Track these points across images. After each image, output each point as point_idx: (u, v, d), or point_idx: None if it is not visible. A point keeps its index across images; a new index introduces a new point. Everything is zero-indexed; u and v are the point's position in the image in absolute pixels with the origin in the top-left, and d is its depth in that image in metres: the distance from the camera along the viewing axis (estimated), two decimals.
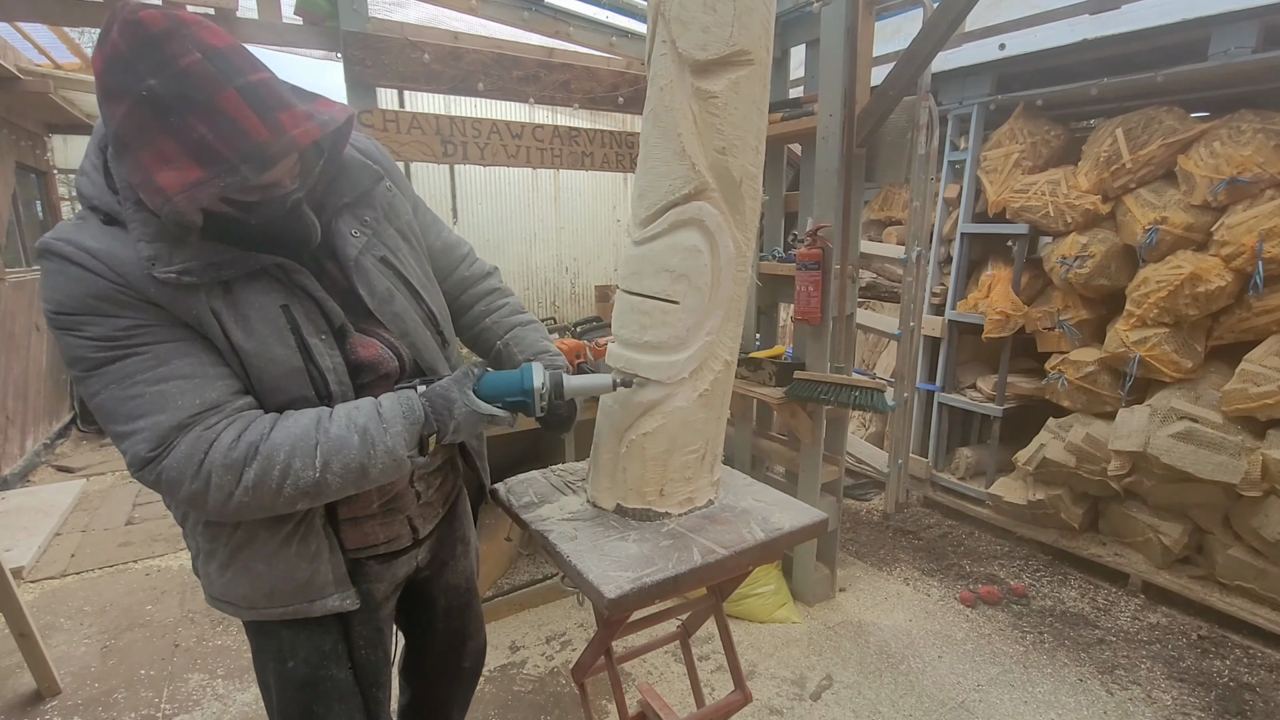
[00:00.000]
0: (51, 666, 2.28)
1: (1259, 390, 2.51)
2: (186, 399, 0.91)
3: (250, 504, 0.94)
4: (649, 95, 1.18)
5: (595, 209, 6.91)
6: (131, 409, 0.90)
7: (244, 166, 0.84)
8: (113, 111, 0.82)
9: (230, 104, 0.83)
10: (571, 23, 3.03)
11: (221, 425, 0.93)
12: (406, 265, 1.17)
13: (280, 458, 0.93)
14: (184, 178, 0.82)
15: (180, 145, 0.82)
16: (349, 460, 0.96)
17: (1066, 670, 2.41)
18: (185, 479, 0.91)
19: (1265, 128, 2.55)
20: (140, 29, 0.80)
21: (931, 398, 3.74)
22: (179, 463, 0.90)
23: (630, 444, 1.26)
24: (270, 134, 0.85)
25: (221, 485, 0.92)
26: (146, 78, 0.80)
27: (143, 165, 0.83)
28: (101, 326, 0.88)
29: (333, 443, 0.96)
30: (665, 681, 2.36)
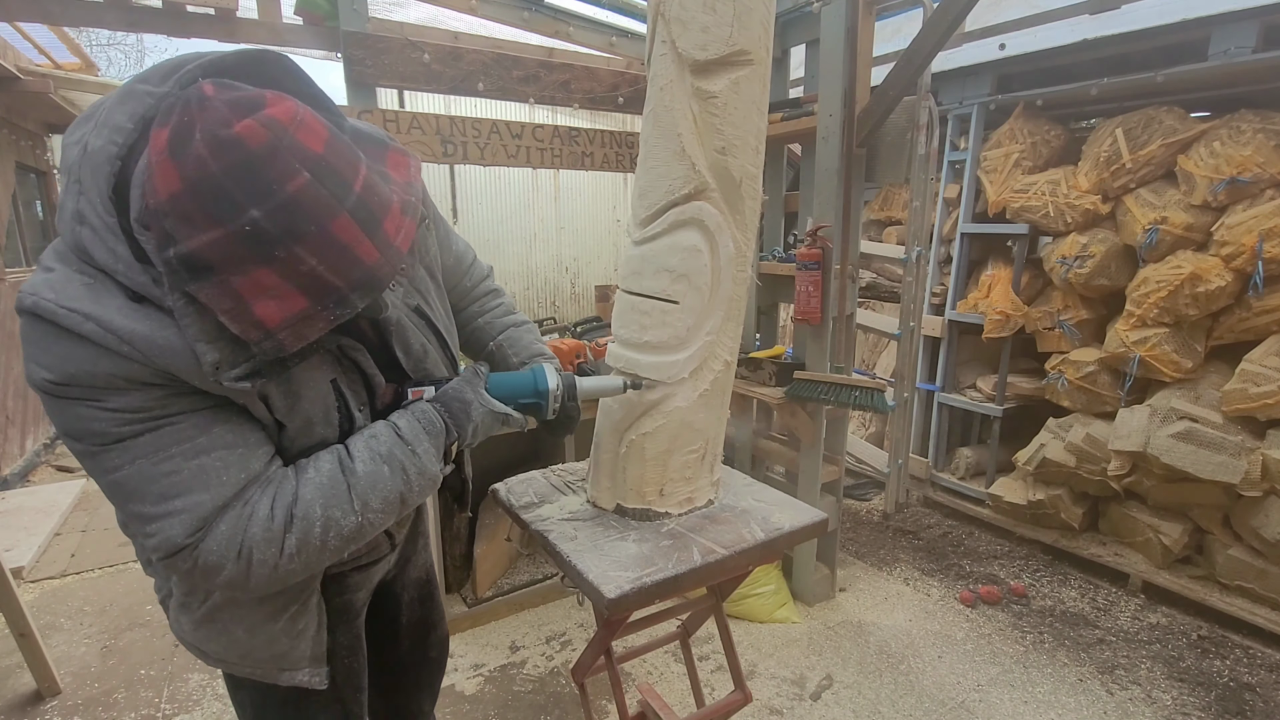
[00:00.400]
0: (51, 666, 2.28)
1: (1259, 390, 2.51)
2: (230, 474, 0.82)
3: (296, 569, 0.86)
4: (649, 95, 1.18)
5: (595, 209, 6.91)
6: (165, 488, 0.78)
7: (354, 295, 0.76)
8: (192, 234, 0.68)
9: (343, 231, 0.73)
10: (571, 23, 3.03)
11: (256, 496, 0.84)
12: (435, 311, 1.10)
13: (317, 513, 0.85)
14: (287, 309, 0.73)
15: (284, 278, 0.71)
16: (387, 494, 0.90)
17: (1066, 670, 2.41)
18: (227, 563, 0.81)
19: (1265, 128, 2.55)
20: (238, 149, 0.67)
21: (931, 398, 3.74)
22: (220, 546, 0.80)
23: (630, 444, 1.26)
24: (381, 255, 0.77)
25: (264, 560, 0.83)
26: (248, 209, 0.67)
27: (234, 292, 0.71)
28: (129, 398, 0.76)
29: (364, 481, 0.89)
30: (665, 681, 2.36)
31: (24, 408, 4.56)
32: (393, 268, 0.79)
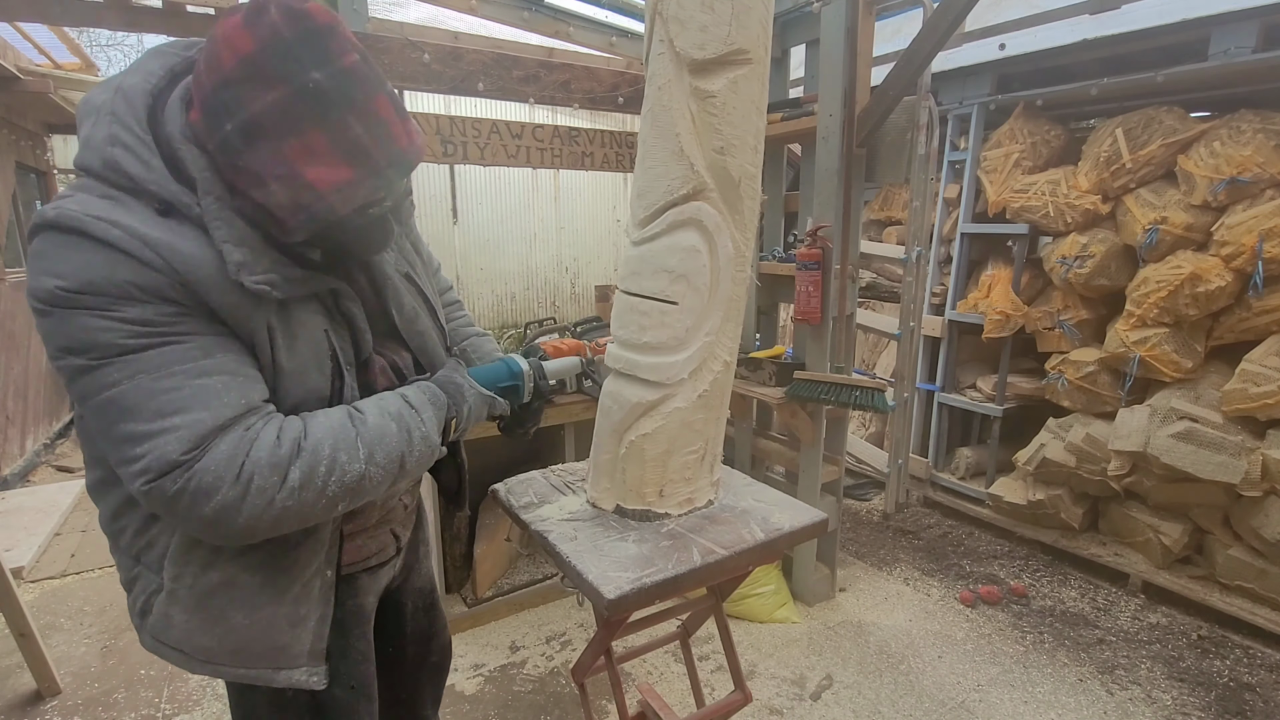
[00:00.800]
0: (51, 666, 2.28)
1: (1259, 390, 2.51)
2: (231, 396, 0.81)
3: (291, 509, 0.84)
4: (647, 95, 1.17)
5: (595, 209, 6.91)
6: (164, 404, 0.77)
7: (390, 171, 0.84)
8: (257, 95, 0.76)
9: (383, 108, 0.82)
10: (571, 23, 3.03)
11: (259, 425, 0.84)
12: (424, 281, 1.14)
13: (325, 452, 0.86)
14: (335, 176, 0.80)
15: (333, 142, 0.79)
16: (390, 450, 0.91)
17: (1066, 670, 2.41)
18: (223, 484, 0.79)
19: (1265, 128, 2.55)
20: (306, 20, 0.78)
21: (931, 398, 3.74)
22: (218, 464, 0.79)
23: (630, 445, 1.26)
24: (409, 141, 0.86)
25: (264, 488, 0.81)
26: (311, 70, 0.77)
27: (286, 156, 0.78)
28: (142, 310, 0.77)
29: (372, 432, 0.90)
30: (665, 681, 2.36)
31: (24, 408, 4.57)
32: (417, 156, 0.87)
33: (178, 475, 0.78)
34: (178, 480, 0.78)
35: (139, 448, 0.77)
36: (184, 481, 0.78)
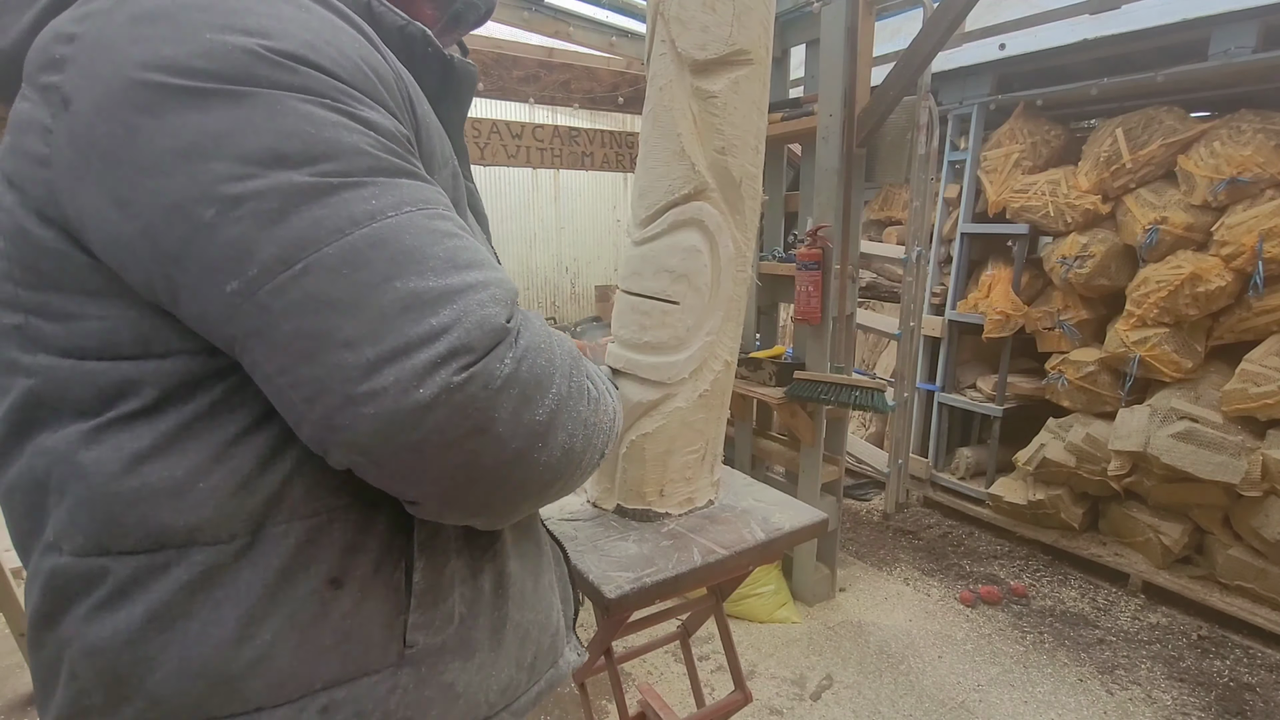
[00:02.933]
0: None
1: (1259, 390, 2.51)
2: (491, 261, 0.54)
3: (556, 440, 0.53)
4: (648, 95, 1.18)
5: (595, 209, 6.91)
6: (452, 250, 0.49)
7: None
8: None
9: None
10: (571, 23, 3.03)
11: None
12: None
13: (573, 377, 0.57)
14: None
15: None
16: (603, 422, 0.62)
17: (1066, 670, 2.41)
18: (555, 370, 0.53)
19: (1265, 128, 2.55)
20: None
21: (931, 398, 3.74)
22: (537, 342, 0.52)
23: (630, 444, 1.26)
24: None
25: (578, 392, 0.56)
26: None
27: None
28: (385, 120, 0.50)
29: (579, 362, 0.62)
30: (665, 681, 2.36)
31: None
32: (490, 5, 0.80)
33: (506, 349, 0.49)
34: (505, 359, 0.48)
35: (440, 313, 0.46)
36: (513, 363, 0.49)
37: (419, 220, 0.48)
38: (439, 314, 0.46)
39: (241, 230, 0.44)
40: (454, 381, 0.45)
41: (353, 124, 0.47)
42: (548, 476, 0.54)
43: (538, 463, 0.52)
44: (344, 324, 0.44)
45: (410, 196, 0.49)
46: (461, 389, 0.46)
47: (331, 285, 0.44)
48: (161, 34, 0.45)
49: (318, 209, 0.45)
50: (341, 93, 0.47)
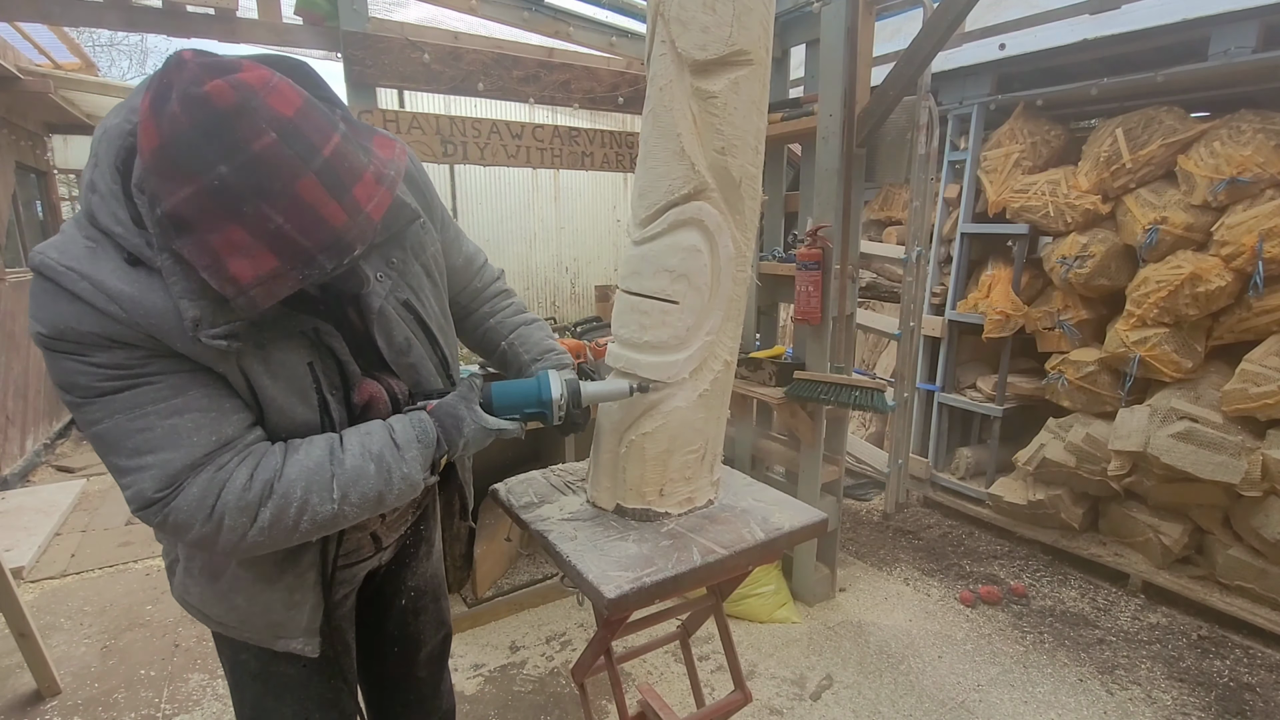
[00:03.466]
0: (51, 666, 2.28)
1: (1259, 390, 2.51)
2: (201, 435, 0.85)
3: (265, 542, 0.90)
4: (648, 95, 1.17)
5: (595, 209, 6.90)
6: (138, 443, 0.83)
7: (321, 256, 0.79)
8: (171, 190, 0.74)
9: (308, 191, 0.76)
10: (571, 23, 3.03)
11: (234, 464, 0.88)
12: (428, 308, 1.12)
13: (297, 494, 0.89)
14: (258, 268, 0.77)
15: (254, 235, 0.75)
16: (366, 490, 0.94)
17: (1066, 670, 2.41)
18: (196, 522, 0.85)
19: (1265, 128, 2.55)
20: (207, 106, 0.72)
21: (931, 398, 3.74)
22: (190, 505, 0.85)
23: (630, 444, 1.26)
24: (348, 218, 0.80)
25: (235, 527, 0.87)
26: (217, 165, 0.72)
27: (210, 248, 0.76)
28: (112, 355, 0.81)
29: (349, 474, 0.93)
30: (665, 681, 2.36)
31: (24, 408, 4.56)
32: (362, 232, 0.82)
33: (156, 511, 0.85)
34: (157, 515, 0.85)
35: (123, 479, 0.85)
36: (162, 516, 0.85)
37: (121, 423, 0.83)
38: (122, 479, 0.85)
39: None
40: (134, 513, 0.86)
41: (87, 366, 0.81)
42: (224, 555, 0.98)
43: (213, 552, 0.95)
44: (103, 462, 0.88)
45: (121, 405, 0.83)
46: (139, 517, 0.87)
47: (94, 446, 0.87)
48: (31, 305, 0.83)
49: (77, 413, 0.85)
50: (81, 348, 0.81)
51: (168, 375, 0.84)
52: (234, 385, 0.90)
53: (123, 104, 0.88)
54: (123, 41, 10.07)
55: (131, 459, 0.84)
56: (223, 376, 0.89)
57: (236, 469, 0.88)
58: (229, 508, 0.86)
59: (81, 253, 0.82)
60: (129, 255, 0.82)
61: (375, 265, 1.03)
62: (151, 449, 0.83)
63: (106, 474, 4.40)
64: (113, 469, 0.86)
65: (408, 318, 1.08)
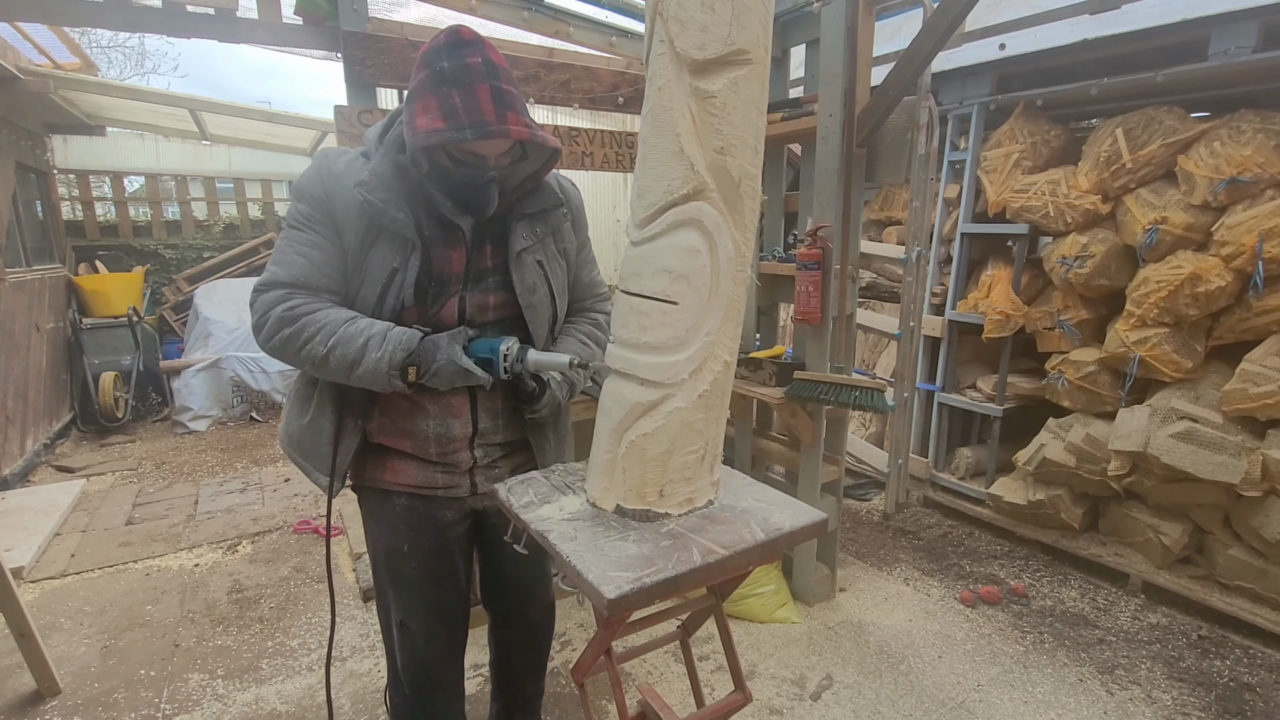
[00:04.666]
0: (51, 666, 2.28)
1: (1259, 390, 2.51)
2: (297, 270, 1.32)
3: (279, 350, 1.32)
4: (647, 95, 1.17)
5: (595, 209, 6.89)
6: (279, 254, 1.35)
7: (469, 130, 1.22)
8: (417, 73, 1.27)
9: (481, 92, 1.23)
10: (571, 23, 3.03)
11: (298, 299, 1.32)
12: (555, 275, 1.50)
13: (308, 332, 1.30)
14: (431, 123, 1.22)
15: (440, 104, 1.23)
16: (346, 354, 1.29)
17: (1066, 670, 2.41)
18: (255, 312, 1.33)
19: (1265, 128, 2.55)
20: (456, 35, 1.26)
21: (931, 398, 3.74)
22: (261, 302, 1.33)
23: (630, 445, 1.26)
24: (495, 119, 1.23)
25: (268, 329, 1.31)
26: (443, 61, 1.24)
27: (414, 110, 1.25)
28: (304, 206, 1.34)
29: (342, 337, 1.29)
30: (665, 681, 2.36)
31: (24, 408, 4.57)
32: (499, 131, 1.23)
33: (256, 291, 1.33)
34: (255, 294, 1.34)
35: (264, 270, 1.36)
36: (254, 295, 1.34)
37: (283, 242, 1.37)
38: (265, 269, 1.38)
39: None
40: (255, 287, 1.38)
41: (295, 205, 1.37)
42: (264, 347, 1.36)
43: (260, 336, 1.35)
44: None
45: (290, 235, 1.36)
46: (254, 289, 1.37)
47: None
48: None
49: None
50: (298, 195, 1.36)
51: (314, 230, 1.33)
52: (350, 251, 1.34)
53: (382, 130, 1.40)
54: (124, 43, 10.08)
55: (273, 262, 1.35)
56: (342, 252, 1.34)
57: (292, 298, 1.31)
58: (271, 317, 1.31)
59: (348, 155, 1.36)
60: (363, 153, 1.36)
61: (525, 226, 1.43)
62: (279, 262, 1.34)
63: (106, 474, 4.42)
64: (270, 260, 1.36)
65: (538, 272, 1.46)
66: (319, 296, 1.33)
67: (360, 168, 1.31)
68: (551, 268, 1.49)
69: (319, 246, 1.33)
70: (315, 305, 1.32)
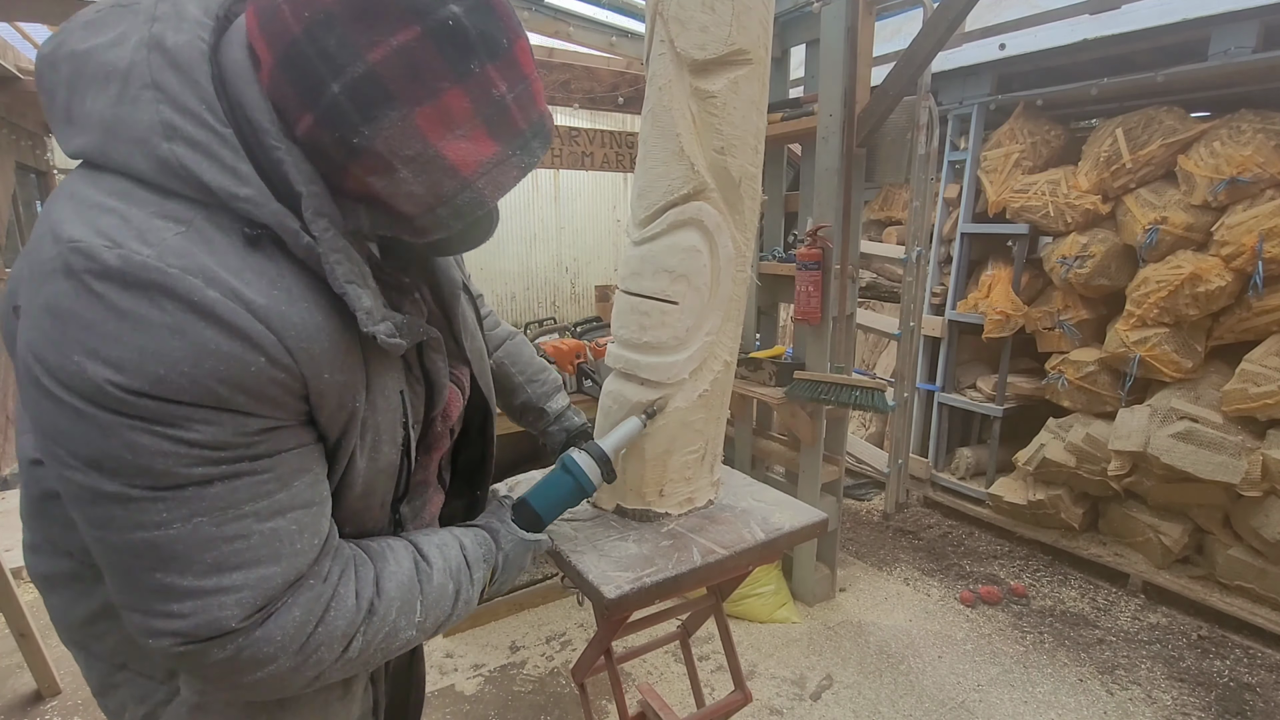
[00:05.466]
0: (51, 666, 2.28)
1: (1259, 390, 2.51)
2: (305, 539, 0.64)
3: (335, 675, 0.69)
4: (647, 95, 1.17)
5: (595, 209, 6.91)
6: (224, 556, 0.59)
7: (535, 142, 0.64)
8: (376, 38, 0.54)
9: (524, 57, 0.61)
10: (571, 22, 3.03)
11: (335, 574, 0.67)
12: (473, 285, 1.00)
13: (391, 616, 0.71)
14: (480, 151, 0.59)
15: (474, 105, 0.58)
16: (441, 614, 0.78)
17: (1066, 670, 2.41)
18: (282, 655, 0.62)
19: (1265, 128, 2.55)
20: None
21: (931, 398, 3.74)
22: (285, 634, 0.62)
23: (630, 444, 1.26)
24: (544, 105, 0.65)
25: (322, 660, 0.66)
26: (448, 3, 0.55)
27: (419, 128, 0.57)
28: (220, 429, 0.57)
29: (434, 594, 0.76)
30: (665, 681, 2.36)
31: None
32: (552, 123, 0.68)
33: (226, 642, 0.60)
34: (225, 648, 0.60)
35: (179, 605, 0.58)
36: (233, 650, 0.60)
37: (204, 529, 0.58)
38: (176, 605, 0.58)
39: (69, 493, 0.59)
40: (175, 649, 0.60)
41: (172, 444, 0.55)
42: (276, 695, 0.69)
43: (278, 688, 0.65)
44: (122, 578, 0.60)
45: (210, 505, 0.58)
46: (181, 655, 0.60)
47: (120, 557, 0.58)
48: (50, 336, 0.54)
49: (116, 508, 0.56)
50: (177, 411, 0.55)
51: (277, 457, 0.62)
52: (345, 436, 0.68)
53: (164, 18, 0.60)
54: None
55: (207, 578, 0.58)
56: (320, 440, 0.67)
57: (340, 581, 0.67)
58: (333, 635, 0.65)
59: (180, 244, 0.55)
60: (253, 232, 0.58)
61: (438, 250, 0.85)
62: (241, 564, 0.60)
63: None
64: (159, 592, 0.58)
65: (466, 298, 0.93)
66: (337, 548, 0.70)
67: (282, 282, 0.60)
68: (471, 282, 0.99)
69: (299, 470, 0.64)
70: (364, 570, 0.71)
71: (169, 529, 0.57)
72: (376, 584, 0.71)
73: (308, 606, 0.64)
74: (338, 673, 0.69)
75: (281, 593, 0.62)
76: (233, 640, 0.60)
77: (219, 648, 0.60)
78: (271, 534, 0.61)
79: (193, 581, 0.58)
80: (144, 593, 0.59)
